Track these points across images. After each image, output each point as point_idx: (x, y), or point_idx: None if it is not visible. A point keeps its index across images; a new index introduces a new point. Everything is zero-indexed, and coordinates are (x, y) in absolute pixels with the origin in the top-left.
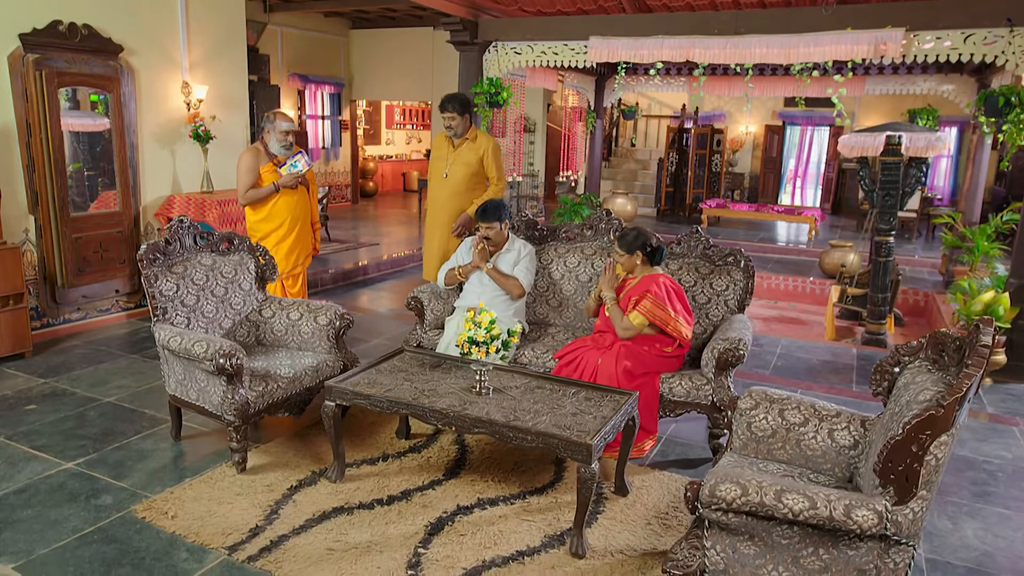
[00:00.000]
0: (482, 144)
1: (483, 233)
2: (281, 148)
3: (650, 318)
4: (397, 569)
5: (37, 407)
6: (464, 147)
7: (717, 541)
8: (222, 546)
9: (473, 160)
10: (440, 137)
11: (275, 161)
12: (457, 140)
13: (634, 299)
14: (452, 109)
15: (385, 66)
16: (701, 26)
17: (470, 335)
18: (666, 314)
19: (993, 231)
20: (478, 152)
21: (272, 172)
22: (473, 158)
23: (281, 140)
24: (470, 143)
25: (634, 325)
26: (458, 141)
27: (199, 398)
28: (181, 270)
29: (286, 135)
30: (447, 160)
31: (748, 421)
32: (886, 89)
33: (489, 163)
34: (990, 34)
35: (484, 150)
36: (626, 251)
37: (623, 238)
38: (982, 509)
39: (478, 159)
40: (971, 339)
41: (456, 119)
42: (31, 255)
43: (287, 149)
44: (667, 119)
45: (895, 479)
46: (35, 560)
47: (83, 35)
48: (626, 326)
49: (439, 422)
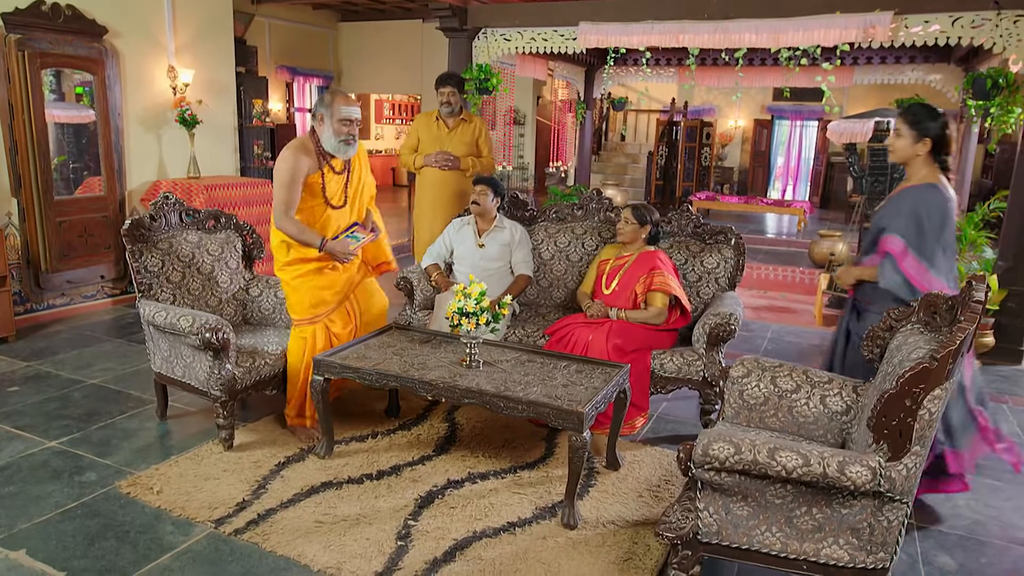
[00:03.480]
0: (477, 125)
1: (474, 197)
2: (340, 144)
3: (669, 290)
4: (387, 540)
5: (20, 389)
6: (460, 128)
7: (710, 503)
8: (208, 520)
9: (471, 140)
10: (427, 119)
11: (330, 164)
12: (452, 121)
13: (642, 277)
14: (452, 84)
15: (374, 59)
16: (691, 11)
17: (460, 306)
18: (675, 282)
19: (980, 219)
20: (474, 133)
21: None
22: (471, 138)
23: (340, 133)
24: (466, 124)
25: (660, 307)
26: (453, 122)
27: (185, 375)
28: (166, 247)
29: (349, 124)
30: (443, 142)
31: (740, 389)
32: (874, 79)
33: (484, 142)
34: (978, 17)
35: (480, 130)
36: (638, 221)
37: (637, 209)
38: (972, 481)
39: (474, 139)
40: (964, 297)
41: (456, 95)
42: (14, 239)
43: (348, 145)
44: (657, 113)
45: (888, 434)
46: (17, 534)
47: (66, 16)
48: (654, 313)
49: (429, 394)
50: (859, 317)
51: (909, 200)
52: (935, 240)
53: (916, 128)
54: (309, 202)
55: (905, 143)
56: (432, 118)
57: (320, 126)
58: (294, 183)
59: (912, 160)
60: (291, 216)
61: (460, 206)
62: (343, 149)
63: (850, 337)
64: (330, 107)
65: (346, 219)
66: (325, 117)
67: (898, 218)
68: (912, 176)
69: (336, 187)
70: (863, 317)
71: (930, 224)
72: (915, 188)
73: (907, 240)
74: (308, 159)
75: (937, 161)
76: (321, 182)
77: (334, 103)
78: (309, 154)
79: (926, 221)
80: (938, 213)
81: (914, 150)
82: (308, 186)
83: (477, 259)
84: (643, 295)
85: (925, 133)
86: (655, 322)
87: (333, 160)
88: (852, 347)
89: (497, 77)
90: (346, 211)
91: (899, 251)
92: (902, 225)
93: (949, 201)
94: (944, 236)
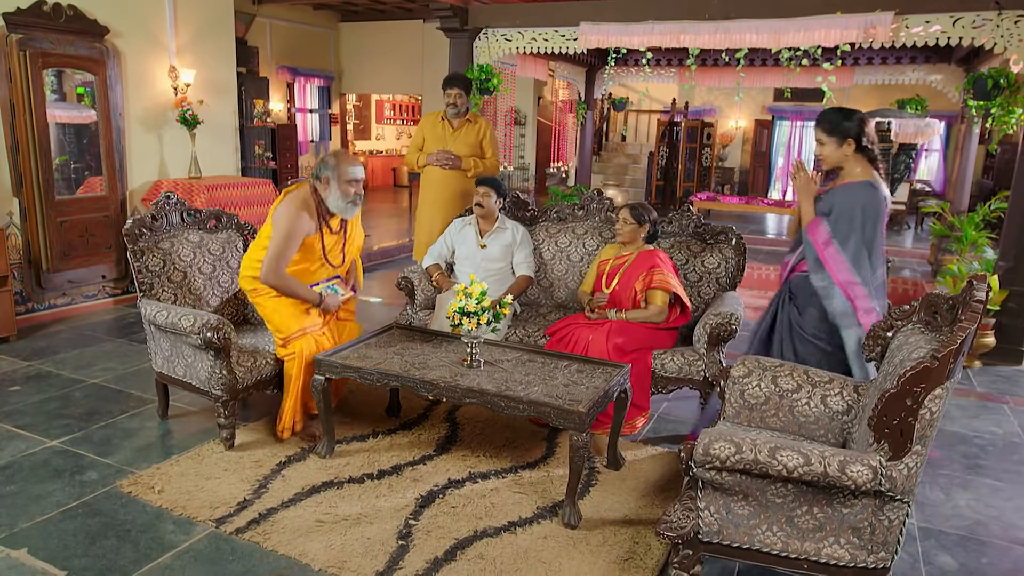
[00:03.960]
0: (482, 125)
1: (477, 199)
2: (347, 205)
3: (668, 287)
4: (388, 539)
5: (21, 388)
6: (464, 129)
7: (711, 502)
8: (209, 519)
9: (475, 141)
10: (433, 118)
11: (328, 224)
12: (457, 121)
13: (641, 275)
14: (459, 86)
15: (374, 59)
16: (692, 11)
17: (460, 306)
18: (675, 280)
19: (981, 219)
20: (479, 134)
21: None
22: (475, 139)
23: (347, 194)
24: (471, 124)
25: (660, 305)
26: (458, 122)
27: (186, 374)
28: (168, 246)
29: (356, 185)
30: (447, 142)
31: (741, 389)
32: (875, 79)
33: (488, 143)
34: (978, 17)
35: (485, 131)
36: (636, 221)
37: (635, 209)
38: (973, 481)
39: (479, 140)
40: (964, 296)
41: (462, 97)
42: (15, 238)
43: (355, 205)
44: (657, 113)
45: (889, 433)
46: (18, 533)
47: (68, 16)
48: (655, 311)
49: (430, 393)
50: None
51: (846, 196)
52: (863, 237)
53: (835, 134)
54: (304, 263)
55: (830, 149)
56: (438, 118)
57: (325, 188)
58: (292, 239)
59: (842, 161)
60: (282, 272)
61: (461, 206)
62: (350, 209)
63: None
64: (335, 169)
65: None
66: (331, 179)
67: (836, 212)
68: (847, 175)
69: (335, 246)
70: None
71: (864, 220)
72: (853, 185)
73: (834, 233)
74: (310, 220)
75: (866, 155)
76: (321, 244)
77: (340, 165)
78: (311, 213)
79: (859, 217)
80: (873, 210)
81: (841, 153)
82: (307, 246)
83: (479, 259)
84: (643, 293)
85: (845, 135)
86: (656, 320)
87: (332, 219)
88: (797, 337)
89: (498, 77)
90: (341, 271)
91: (823, 240)
92: (837, 220)
93: (884, 200)
94: (873, 234)
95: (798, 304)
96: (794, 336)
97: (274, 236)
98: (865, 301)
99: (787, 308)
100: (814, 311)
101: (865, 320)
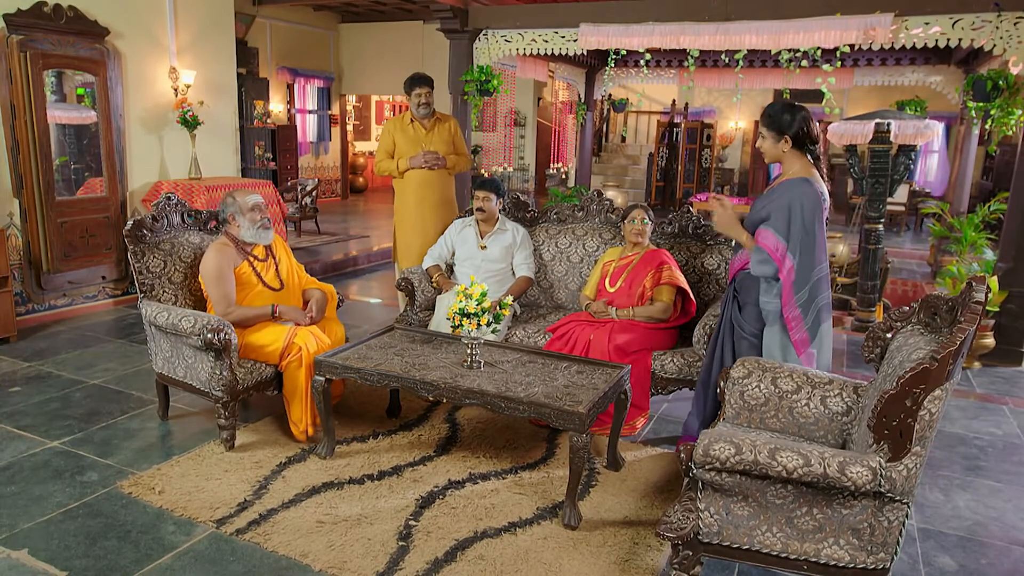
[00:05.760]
0: (452, 123)
1: (478, 204)
2: (259, 230)
3: (677, 283)
4: (388, 540)
5: (21, 389)
6: (437, 128)
7: (711, 503)
8: (210, 519)
9: (448, 139)
10: (400, 122)
11: (252, 256)
12: (428, 121)
13: (651, 272)
14: (428, 85)
15: (374, 60)
16: (692, 13)
17: (461, 307)
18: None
19: (981, 221)
20: (451, 131)
21: (250, 272)
22: (448, 137)
23: (255, 221)
24: (441, 123)
25: (667, 301)
26: (429, 122)
27: (187, 375)
28: (168, 247)
29: (260, 210)
30: (423, 143)
31: (741, 390)
32: (874, 80)
33: (459, 139)
34: (978, 19)
35: (455, 129)
36: (651, 219)
37: (648, 209)
38: (973, 482)
39: (452, 137)
40: (963, 298)
41: (432, 95)
42: (16, 239)
43: (266, 229)
44: (657, 114)
45: (889, 434)
46: (18, 534)
47: (68, 17)
48: (661, 308)
49: (430, 394)
50: (740, 309)
51: (782, 192)
52: (804, 232)
53: (774, 128)
54: (248, 291)
55: (769, 143)
56: (406, 121)
57: (236, 226)
58: (223, 275)
59: (781, 157)
60: (233, 309)
61: (446, 207)
62: (263, 235)
63: (734, 328)
64: (235, 204)
65: (288, 301)
66: (236, 215)
67: (773, 210)
68: (787, 171)
69: (267, 270)
70: (744, 309)
71: (802, 216)
72: (790, 182)
73: (777, 230)
74: (231, 251)
75: (806, 153)
76: (253, 270)
77: (236, 199)
78: (229, 251)
79: (798, 213)
80: (810, 204)
81: (778, 148)
82: (243, 277)
83: (479, 260)
84: (652, 290)
85: (783, 131)
86: (661, 317)
87: (255, 249)
88: (736, 335)
89: (498, 78)
90: (285, 293)
91: (773, 248)
92: (776, 218)
93: (821, 195)
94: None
95: (740, 301)
96: (734, 333)
97: (208, 284)
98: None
99: (730, 306)
100: (753, 308)
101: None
